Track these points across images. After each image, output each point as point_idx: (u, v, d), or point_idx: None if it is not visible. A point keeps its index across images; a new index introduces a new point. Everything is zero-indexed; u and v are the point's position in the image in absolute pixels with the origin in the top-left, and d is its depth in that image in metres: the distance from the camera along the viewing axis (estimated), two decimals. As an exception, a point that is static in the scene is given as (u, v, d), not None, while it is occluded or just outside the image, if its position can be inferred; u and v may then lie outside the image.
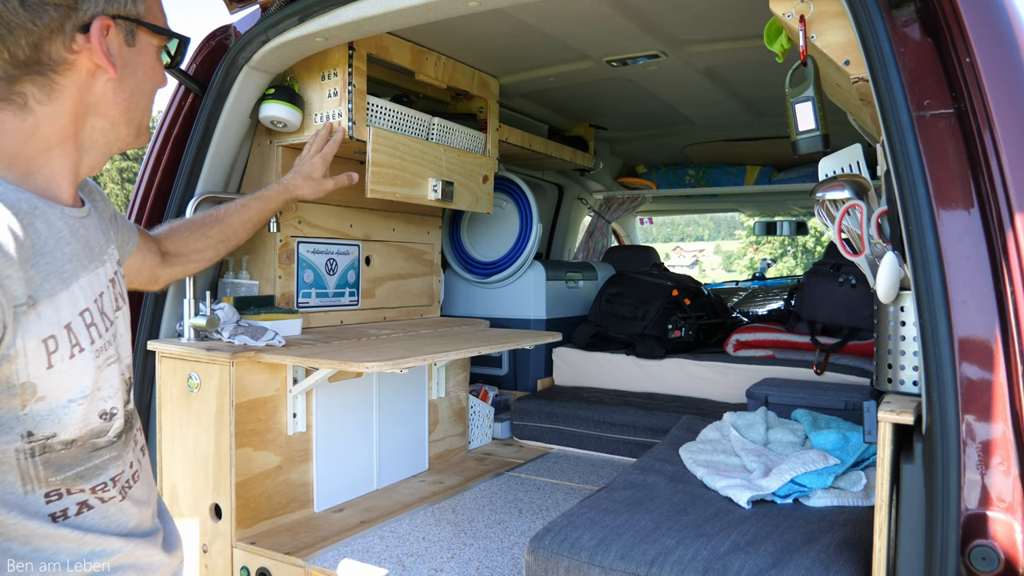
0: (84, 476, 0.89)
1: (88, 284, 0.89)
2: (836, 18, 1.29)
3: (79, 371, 0.85)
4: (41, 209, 0.85)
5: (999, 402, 1.01)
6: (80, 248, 0.89)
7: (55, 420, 0.84)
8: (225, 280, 2.17)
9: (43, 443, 0.83)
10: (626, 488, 1.66)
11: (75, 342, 0.84)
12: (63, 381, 0.83)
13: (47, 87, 0.87)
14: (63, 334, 0.83)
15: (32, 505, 0.84)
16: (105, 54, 0.88)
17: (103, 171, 31.00)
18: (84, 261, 0.90)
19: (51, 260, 0.83)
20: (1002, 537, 0.99)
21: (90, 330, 0.87)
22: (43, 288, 0.81)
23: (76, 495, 0.88)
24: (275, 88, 2.03)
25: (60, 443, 0.85)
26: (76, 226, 0.90)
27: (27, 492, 0.83)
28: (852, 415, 2.03)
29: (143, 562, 0.96)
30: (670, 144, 3.87)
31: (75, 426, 0.86)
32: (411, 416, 2.44)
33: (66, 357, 0.83)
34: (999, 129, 1.04)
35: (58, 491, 0.86)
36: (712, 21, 2.15)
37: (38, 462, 0.83)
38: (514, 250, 3.03)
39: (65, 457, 0.86)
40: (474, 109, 2.66)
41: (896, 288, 1.29)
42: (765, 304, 5.08)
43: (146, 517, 1.00)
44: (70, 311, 0.84)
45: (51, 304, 0.82)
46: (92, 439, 0.89)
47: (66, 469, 0.86)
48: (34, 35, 0.83)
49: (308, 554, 1.75)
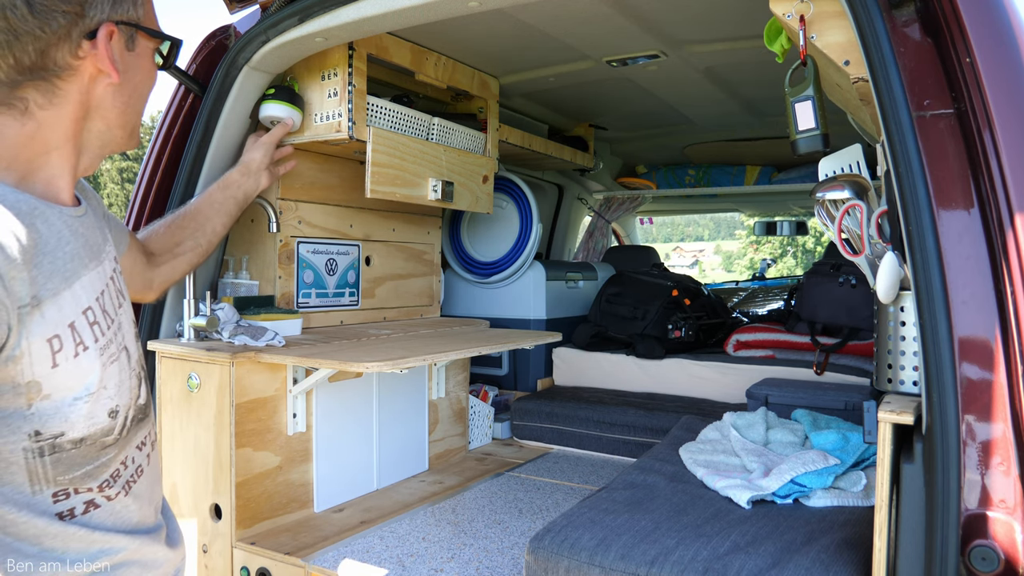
0: (92, 475, 0.89)
1: (89, 282, 0.89)
2: (836, 18, 1.29)
3: (84, 369, 0.86)
4: (40, 210, 0.85)
5: (999, 402, 1.01)
6: (80, 247, 0.90)
7: (62, 418, 0.84)
8: (225, 280, 2.17)
9: (52, 442, 0.84)
10: (626, 488, 1.66)
11: (79, 340, 0.85)
12: (68, 380, 0.84)
13: (49, 92, 0.87)
14: (67, 333, 0.83)
15: (40, 505, 0.84)
16: (111, 61, 0.89)
17: (103, 171, 31.02)
18: (85, 260, 0.90)
19: (53, 260, 0.84)
20: (1002, 537, 0.99)
21: (93, 328, 0.88)
22: (46, 288, 0.82)
23: (83, 494, 0.88)
24: (275, 88, 2.03)
25: (69, 442, 0.85)
26: (75, 225, 0.91)
27: (35, 492, 0.84)
28: (852, 415, 2.03)
29: (148, 558, 0.96)
30: (670, 144, 3.87)
31: (82, 424, 0.86)
32: (411, 416, 2.44)
33: (70, 356, 0.84)
34: (999, 129, 1.04)
35: (65, 490, 0.86)
36: (712, 21, 2.14)
37: (47, 462, 0.84)
38: (514, 250, 3.03)
39: (76, 456, 0.87)
40: (474, 109, 2.66)
41: (896, 288, 1.29)
42: (765, 304, 5.08)
43: (149, 513, 1.00)
44: (73, 310, 0.85)
45: (54, 304, 0.82)
46: (101, 437, 0.90)
47: (75, 468, 0.87)
48: (41, 42, 0.84)
49: (308, 554, 1.75)
